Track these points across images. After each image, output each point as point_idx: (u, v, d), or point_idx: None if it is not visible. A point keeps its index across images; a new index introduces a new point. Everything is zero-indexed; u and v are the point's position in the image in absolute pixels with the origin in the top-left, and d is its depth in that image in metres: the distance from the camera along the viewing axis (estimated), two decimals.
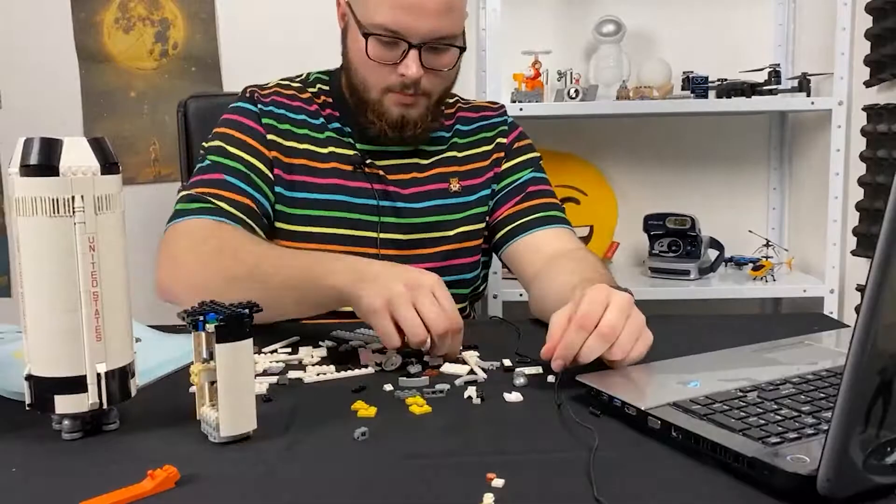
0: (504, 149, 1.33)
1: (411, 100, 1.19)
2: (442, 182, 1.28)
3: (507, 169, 1.33)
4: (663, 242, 2.10)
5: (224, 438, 0.70)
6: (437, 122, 1.26)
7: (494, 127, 1.35)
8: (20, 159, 0.67)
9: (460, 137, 1.33)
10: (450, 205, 1.28)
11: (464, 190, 1.29)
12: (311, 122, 1.26)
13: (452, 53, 1.18)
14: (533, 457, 0.66)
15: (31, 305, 0.69)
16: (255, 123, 1.22)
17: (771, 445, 0.61)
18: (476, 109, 1.37)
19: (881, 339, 0.51)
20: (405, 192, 1.25)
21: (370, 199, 1.23)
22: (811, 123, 2.19)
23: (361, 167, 1.24)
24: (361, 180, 1.24)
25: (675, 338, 1.03)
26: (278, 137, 1.22)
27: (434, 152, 1.30)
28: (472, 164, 1.31)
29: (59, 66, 2.23)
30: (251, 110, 1.24)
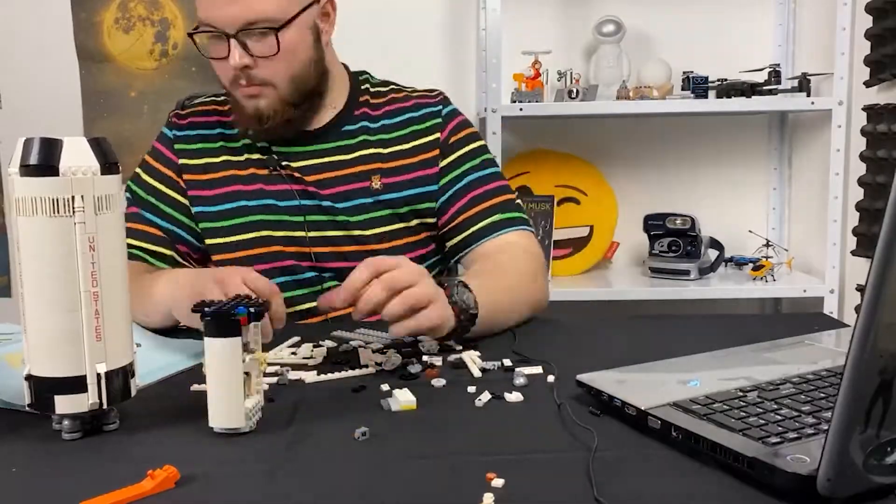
0: (437, 146, 1.27)
1: (254, 90, 1.19)
2: (364, 180, 1.25)
3: (444, 167, 1.26)
4: (663, 242, 2.10)
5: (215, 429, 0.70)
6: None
7: (424, 120, 1.28)
8: (20, 159, 0.67)
9: (386, 133, 1.28)
10: (371, 203, 1.24)
11: (385, 188, 1.24)
12: (226, 133, 1.29)
13: (271, 38, 1.15)
14: (533, 457, 0.66)
15: (31, 305, 0.69)
16: (167, 150, 1.30)
17: (771, 445, 0.61)
18: (408, 99, 1.31)
19: (881, 339, 0.51)
20: (325, 192, 1.24)
21: (292, 200, 1.24)
22: (811, 123, 2.19)
23: (277, 169, 1.24)
24: (278, 183, 1.24)
25: (675, 338, 1.04)
26: (189, 159, 1.28)
27: (357, 146, 1.26)
28: (398, 160, 1.26)
29: (59, 66, 2.23)
30: (167, 137, 1.31)
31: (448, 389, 0.84)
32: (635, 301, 2.03)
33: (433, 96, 1.32)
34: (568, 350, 0.97)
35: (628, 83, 2.10)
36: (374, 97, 1.31)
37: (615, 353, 0.94)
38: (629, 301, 2.02)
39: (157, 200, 1.27)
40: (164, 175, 1.28)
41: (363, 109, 1.29)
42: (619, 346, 1.02)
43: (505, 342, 1.02)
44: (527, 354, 0.94)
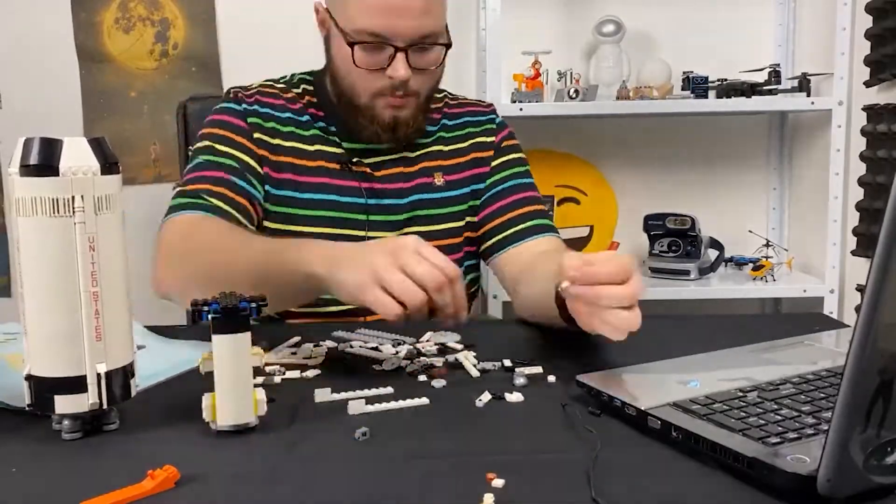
0: (492, 147, 1.33)
1: (401, 101, 1.19)
2: (427, 176, 1.28)
3: (495, 167, 1.32)
4: (663, 242, 2.10)
5: (221, 427, 0.70)
6: (426, 119, 1.27)
7: (481, 124, 1.34)
8: (20, 159, 0.67)
9: (446, 132, 1.32)
10: (434, 199, 1.27)
11: (447, 185, 1.29)
12: (296, 119, 1.26)
13: (438, 51, 1.19)
14: (533, 457, 0.66)
15: (31, 305, 0.69)
16: (241, 122, 1.22)
17: (771, 445, 0.61)
18: (463, 105, 1.37)
19: (881, 339, 0.51)
20: (391, 188, 1.25)
21: (358, 198, 1.23)
22: (811, 123, 2.19)
23: (348, 166, 1.24)
24: (348, 179, 1.24)
25: (675, 338, 1.04)
26: (265, 136, 1.22)
27: (420, 145, 1.30)
28: (456, 158, 1.31)
29: (59, 66, 2.23)
30: (236, 109, 1.23)
31: (448, 389, 0.84)
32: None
33: (486, 105, 1.39)
34: (568, 350, 0.97)
35: (628, 83, 2.10)
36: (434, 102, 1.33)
37: (615, 353, 0.94)
38: None
39: (235, 163, 1.19)
40: (241, 145, 1.20)
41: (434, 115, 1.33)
42: (619, 346, 1.02)
43: (505, 342, 1.02)
44: (528, 354, 0.94)
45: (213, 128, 1.23)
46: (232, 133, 1.21)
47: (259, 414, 0.73)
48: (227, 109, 1.24)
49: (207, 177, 1.17)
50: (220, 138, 1.21)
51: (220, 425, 0.71)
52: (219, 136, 1.22)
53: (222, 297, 0.73)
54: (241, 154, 1.20)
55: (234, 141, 1.21)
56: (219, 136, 1.22)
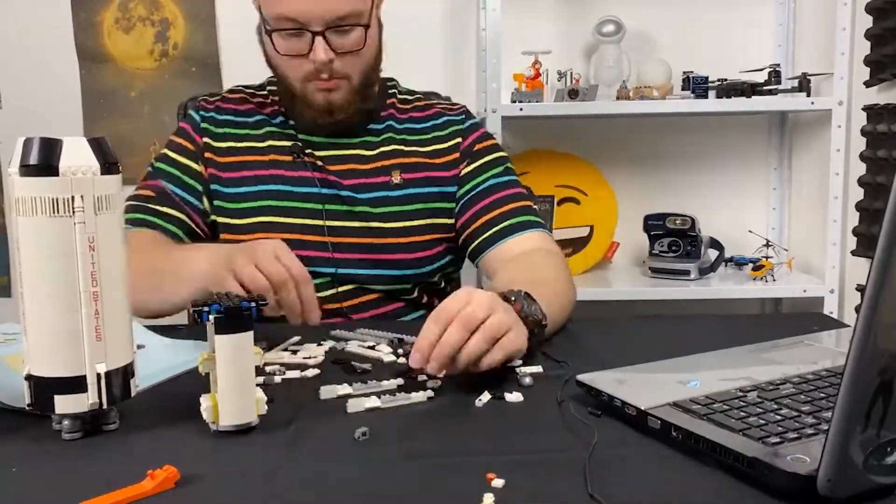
0: (460, 150, 1.32)
1: (331, 84, 1.22)
2: (384, 175, 1.29)
3: (468, 173, 1.31)
4: (663, 242, 2.10)
5: (224, 428, 0.70)
6: (368, 103, 1.28)
7: (447, 126, 1.34)
8: (20, 159, 0.67)
9: (409, 134, 1.33)
10: (391, 197, 1.28)
11: (405, 182, 1.29)
12: (249, 120, 1.32)
13: (358, 32, 1.20)
14: (533, 457, 0.66)
15: (31, 305, 0.69)
16: (193, 131, 1.32)
17: (771, 445, 0.61)
18: (431, 107, 1.37)
19: (881, 339, 0.51)
20: (346, 183, 1.27)
21: (311, 188, 1.26)
22: (811, 123, 2.19)
23: (300, 156, 1.27)
24: (300, 169, 1.27)
25: (675, 338, 1.04)
26: (212, 140, 1.30)
27: (380, 143, 1.31)
28: (415, 158, 1.31)
29: (59, 66, 2.23)
30: (194, 119, 1.33)
31: (448, 390, 0.84)
32: (635, 301, 2.03)
33: (456, 108, 1.38)
34: (568, 350, 0.96)
35: (628, 83, 2.10)
36: (401, 102, 1.37)
37: (615, 353, 0.94)
38: (629, 301, 2.02)
39: (179, 172, 1.29)
40: (187, 150, 1.30)
41: (390, 111, 1.34)
42: (619, 346, 1.02)
43: None
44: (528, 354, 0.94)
45: (174, 135, 1.34)
46: (184, 141, 1.32)
47: (259, 414, 0.73)
48: (187, 118, 1.35)
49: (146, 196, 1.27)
50: (174, 146, 1.32)
51: (222, 426, 0.71)
52: (174, 144, 1.32)
53: (222, 297, 0.73)
54: (187, 160, 1.30)
55: (184, 148, 1.31)
56: (175, 143, 1.32)
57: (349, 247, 1.25)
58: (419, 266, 1.29)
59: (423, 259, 1.29)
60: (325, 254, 1.24)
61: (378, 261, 1.26)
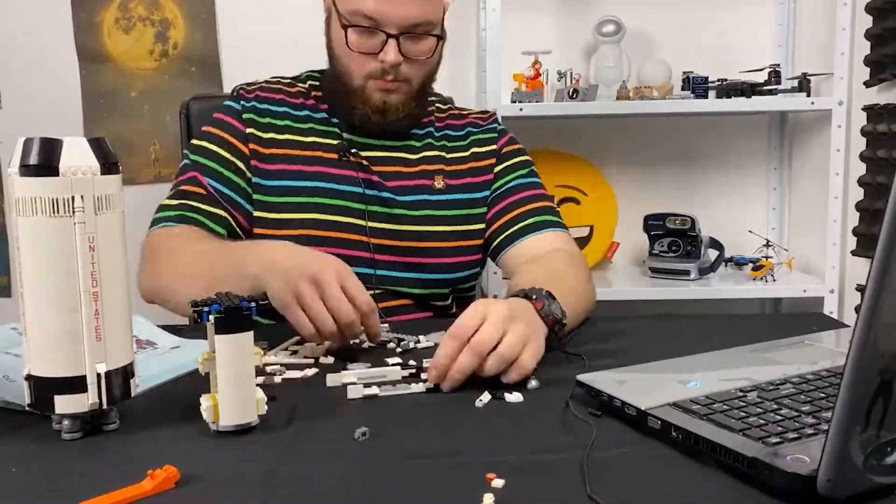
0: (493, 155, 1.35)
1: (392, 85, 1.23)
2: (427, 178, 1.30)
3: (497, 173, 1.34)
4: (663, 242, 2.10)
5: (224, 428, 0.70)
6: (419, 110, 1.30)
7: (484, 133, 1.37)
8: (20, 159, 0.67)
9: (448, 141, 1.35)
10: (433, 201, 1.29)
11: (447, 188, 1.31)
12: (293, 113, 1.31)
13: (430, 41, 1.22)
14: (533, 457, 0.66)
15: (31, 305, 0.69)
16: (235, 120, 1.28)
17: (771, 445, 0.61)
18: (466, 115, 1.40)
19: (881, 339, 0.51)
20: (389, 185, 1.27)
21: (355, 187, 1.26)
22: (811, 123, 2.19)
23: (346, 155, 1.27)
24: (346, 169, 1.26)
25: (675, 338, 1.04)
26: (257, 130, 1.27)
27: (422, 148, 1.32)
28: (457, 165, 1.33)
29: (59, 66, 2.23)
30: (234, 108, 1.30)
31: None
32: (635, 301, 2.02)
33: (488, 116, 1.42)
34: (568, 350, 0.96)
35: (628, 83, 2.09)
36: (439, 111, 1.39)
37: (615, 353, 0.94)
38: (629, 301, 2.02)
39: (222, 168, 1.25)
40: (228, 143, 1.27)
41: (430, 118, 1.36)
42: (620, 346, 1.02)
43: None
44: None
45: (211, 126, 1.30)
46: (225, 133, 1.28)
47: (259, 413, 0.73)
48: (225, 108, 1.31)
49: (187, 192, 1.24)
50: (214, 138, 1.28)
51: (223, 426, 0.71)
52: (211, 135, 1.28)
53: (222, 297, 0.73)
54: (228, 154, 1.26)
55: (225, 141, 1.27)
56: (214, 136, 1.28)
57: (388, 249, 1.25)
58: (455, 271, 1.30)
59: (460, 264, 1.30)
60: (365, 254, 1.24)
61: (415, 264, 1.26)
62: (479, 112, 1.44)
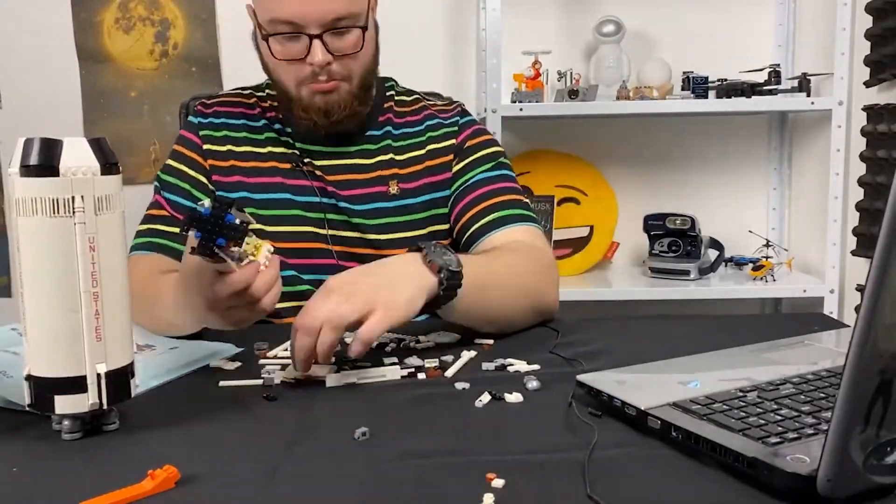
0: (453, 150, 1.30)
1: (328, 86, 1.19)
2: (382, 185, 1.26)
3: (457, 171, 1.29)
4: (663, 242, 2.10)
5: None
6: (365, 106, 1.25)
7: (441, 127, 1.31)
8: (20, 159, 0.67)
9: (405, 139, 1.30)
10: (389, 208, 1.25)
11: (403, 193, 1.26)
12: (250, 124, 1.30)
13: (356, 34, 1.18)
14: (533, 457, 0.66)
15: (31, 305, 0.69)
16: (194, 136, 1.29)
17: (771, 445, 0.61)
18: (426, 109, 1.34)
19: (881, 339, 0.51)
20: (344, 194, 1.25)
21: (311, 197, 1.24)
22: (811, 123, 2.19)
23: (300, 165, 1.25)
24: (300, 178, 1.25)
25: (676, 338, 1.04)
26: (214, 145, 1.28)
27: (378, 151, 1.28)
28: (412, 166, 1.28)
29: (59, 66, 2.23)
30: (193, 124, 1.31)
31: (448, 389, 0.84)
32: (635, 301, 2.03)
33: (451, 108, 1.35)
34: (568, 350, 0.97)
35: (628, 83, 2.10)
36: (399, 105, 1.34)
37: (615, 353, 0.94)
38: (629, 301, 2.02)
39: (188, 185, 1.26)
40: (190, 159, 1.28)
41: (388, 115, 1.32)
42: (620, 346, 1.02)
43: (504, 342, 1.02)
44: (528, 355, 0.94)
45: (176, 143, 1.31)
46: (186, 149, 1.29)
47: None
48: (186, 124, 1.32)
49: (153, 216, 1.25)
50: (177, 155, 1.29)
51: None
52: (177, 154, 1.30)
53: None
54: (192, 171, 1.27)
55: (186, 157, 1.28)
56: (177, 153, 1.30)
57: (352, 256, 1.24)
58: None
59: None
60: (330, 261, 1.23)
61: None
62: (442, 104, 1.37)
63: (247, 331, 0.94)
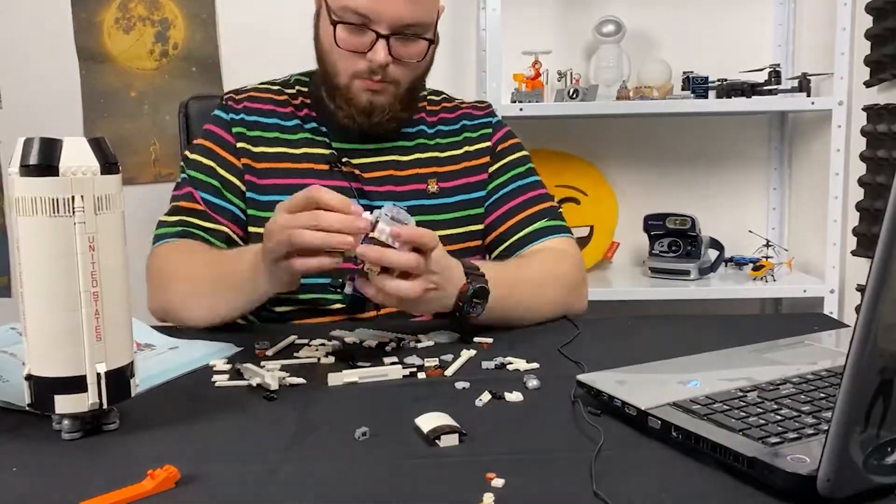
0: (487, 152, 1.31)
1: (379, 86, 1.19)
2: (420, 183, 1.27)
3: (492, 172, 1.31)
4: (663, 242, 2.10)
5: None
6: (407, 113, 1.26)
7: (477, 129, 1.33)
8: (20, 159, 0.67)
9: (442, 137, 1.31)
10: (427, 206, 1.25)
11: (441, 192, 1.27)
12: (283, 124, 1.27)
13: (421, 45, 1.18)
14: (533, 457, 0.66)
15: (31, 305, 0.69)
16: (226, 133, 1.26)
17: (771, 445, 0.61)
18: (459, 108, 1.35)
19: (881, 339, 0.51)
20: (381, 191, 1.24)
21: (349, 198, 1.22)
22: (811, 123, 2.19)
23: (337, 165, 1.24)
24: (338, 179, 1.23)
25: (676, 338, 1.04)
26: (248, 144, 1.25)
27: (414, 149, 1.28)
28: (451, 165, 1.29)
29: (59, 66, 2.23)
30: (223, 119, 1.27)
31: (448, 389, 0.84)
32: (635, 301, 2.03)
33: (483, 107, 1.37)
34: (568, 350, 0.97)
35: (628, 83, 2.09)
36: (430, 104, 1.34)
37: (615, 353, 0.94)
38: (629, 301, 2.02)
39: (213, 180, 1.23)
40: (220, 157, 1.25)
41: (421, 115, 1.32)
42: (620, 346, 1.02)
43: (504, 342, 1.02)
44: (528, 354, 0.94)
45: (203, 138, 1.28)
46: (216, 146, 1.26)
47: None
48: (217, 119, 1.28)
49: (184, 208, 1.22)
50: (206, 151, 1.26)
51: None
52: (205, 149, 1.26)
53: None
54: (222, 170, 1.24)
55: (217, 155, 1.25)
56: (205, 148, 1.26)
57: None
58: None
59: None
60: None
61: None
62: (473, 103, 1.38)
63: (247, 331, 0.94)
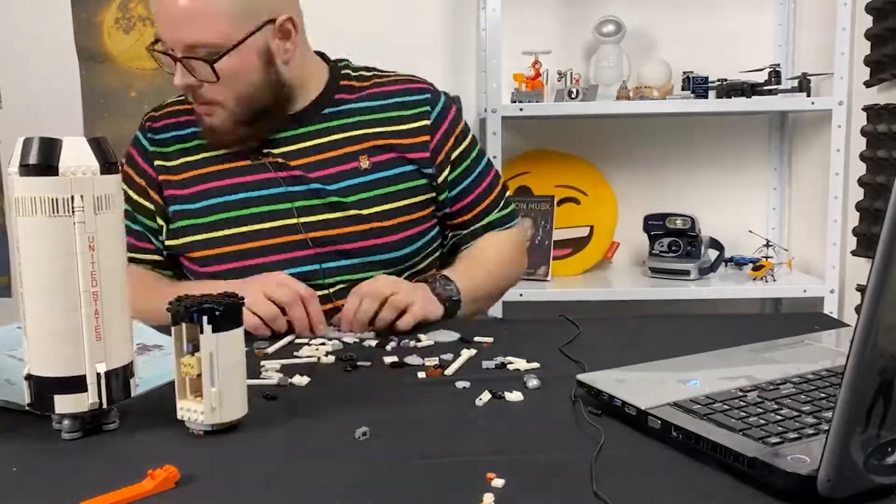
0: (428, 131, 1.28)
1: (204, 108, 1.20)
2: (351, 161, 1.24)
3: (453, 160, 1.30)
4: (663, 242, 2.10)
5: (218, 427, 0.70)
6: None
7: (414, 105, 1.29)
8: (20, 159, 0.67)
9: (372, 113, 1.28)
10: (364, 183, 1.24)
11: (375, 166, 1.25)
12: (199, 131, 1.27)
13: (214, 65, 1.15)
14: (533, 457, 0.66)
15: (31, 305, 0.69)
16: (140, 157, 1.29)
17: (771, 445, 0.61)
18: (394, 83, 1.32)
19: (881, 339, 0.51)
20: (313, 175, 1.23)
21: (276, 188, 1.22)
22: (811, 123, 2.19)
23: (259, 158, 1.23)
24: (262, 172, 1.23)
25: (675, 338, 1.04)
26: (165, 161, 1.27)
27: (340, 128, 1.26)
28: (386, 139, 1.26)
29: (59, 66, 2.23)
30: (141, 144, 1.30)
31: (448, 389, 0.84)
32: (635, 301, 2.03)
33: (420, 84, 1.33)
34: (568, 350, 0.97)
35: (628, 83, 2.10)
36: (357, 80, 1.31)
37: (615, 353, 0.94)
38: (629, 301, 2.02)
39: (132, 209, 1.27)
40: (136, 184, 1.28)
41: (342, 94, 1.29)
42: (619, 346, 1.02)
43: (505, 342, 1.02)
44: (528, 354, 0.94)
45: (125, 160, 1.31)
46: (133, 172, 1.29)
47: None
48: (135, 141, 1.31)
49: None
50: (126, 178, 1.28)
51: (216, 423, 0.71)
52: (124, 175, 1.27)
53: (212, 297, 0.72)
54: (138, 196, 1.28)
55: (133, 182, 1.28)
56: (125, 174, 1.28)
57: (330, 239, 1.21)
58: (405, 246, 1.25)
59: (408, 238, 1.25)
60: (306, 252, 1.21)
61: (362, 249, 1.22)
62: (407, 76, 1.34)
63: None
